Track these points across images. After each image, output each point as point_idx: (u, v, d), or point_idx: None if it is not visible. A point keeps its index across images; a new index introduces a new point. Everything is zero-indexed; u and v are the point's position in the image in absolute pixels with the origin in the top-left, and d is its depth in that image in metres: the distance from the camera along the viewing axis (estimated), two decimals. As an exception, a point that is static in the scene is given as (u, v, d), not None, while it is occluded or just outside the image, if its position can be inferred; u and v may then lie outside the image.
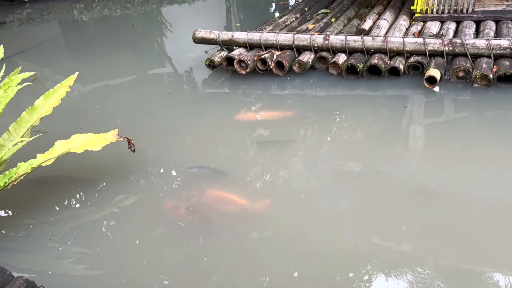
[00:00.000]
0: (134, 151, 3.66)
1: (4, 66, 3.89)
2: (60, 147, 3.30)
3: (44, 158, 3.24)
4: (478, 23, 6.22)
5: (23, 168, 3.15)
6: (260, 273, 2.86)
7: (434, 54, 5.33)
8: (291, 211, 3.41)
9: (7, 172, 3.12)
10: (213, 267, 2.91)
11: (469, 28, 5.94)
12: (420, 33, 6.03)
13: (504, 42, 5.05)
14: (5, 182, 3.12)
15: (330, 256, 2.95)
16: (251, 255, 3.01)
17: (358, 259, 2.90)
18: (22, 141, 3.35)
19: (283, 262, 2.93)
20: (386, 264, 2.86)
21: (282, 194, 3.62)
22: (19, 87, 3.45)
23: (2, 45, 3.98)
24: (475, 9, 6.29)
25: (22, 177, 3.31)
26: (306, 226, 3.21)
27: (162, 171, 4.03)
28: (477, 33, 5.92)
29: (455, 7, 6.30)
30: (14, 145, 3.35)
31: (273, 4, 10.99)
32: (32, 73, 3.76)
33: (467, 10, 6.27)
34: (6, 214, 3.61)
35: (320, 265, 2.89)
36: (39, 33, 9.65)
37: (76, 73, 3.77)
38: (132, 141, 3.63)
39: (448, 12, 6.36)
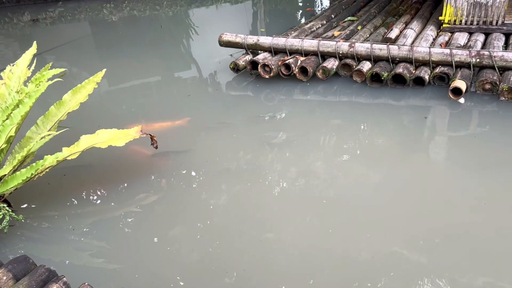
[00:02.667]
0: (156, 147, 3.73)
1: (35, 62, 4.02)
2: (85, 142, 3.39)
3: (70, 152, 3.33)
4: (508, 35, 6.11)
5: (49, 160, 3.24)
6: (272, 280, 2.87)
7: (460, 65, 5.26)
8: (307, 217, 3.42)
9: (34, 164, 3.21)
10: (226, 270, 2.94)
11: (498, 40, 5.84)
12: (447, 44, 5.97)
13: (533, 56, 4.96)
14: (32, 174, 3.22)
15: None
16: (265, 261, 3.02)
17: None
18: (49, 134, 3.45)
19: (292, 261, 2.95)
20: (401, 276, 2.84)
21: (300, 201, 3.63)
22: (50, 82, 3.55)
23: (35, 41, 4.11)
24: (505, 22, 6.18)
25: (47, 170, 3.41)
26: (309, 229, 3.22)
27: (183, 171, 4.09)
28: (507, 46, 5.82)
29: (485, 19, 6.21)
30: (42, 138, 3.44)
31: (300, 11, 11.02)
32: (63, 69, 3.87)
33: (496, 22, 6.17)
34: (31, 206, 3.71)
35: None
36: (69, 32, 9.90)
37: (104, 70, 3.86)
38: (154, 138, 3.69)
39: (477, 24, 6.27)
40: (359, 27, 6.91)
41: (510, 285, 2.70)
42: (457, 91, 4.94)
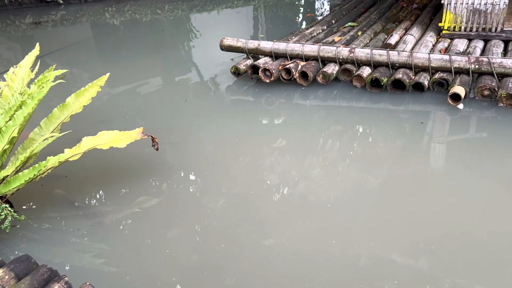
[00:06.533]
0: (157, 149, 3.75)
1: (38, 64, 4.06)
2: (87, 143, 3.41)
3: (72, 153, 3.35)
4: (506, 42, 6.17)
5: (52, 162, 3.26)
6: (270, 285, 2.88)
7: (459, 71, 5.31)
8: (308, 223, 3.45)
9: (36, 165, 3.23)
10: (224, 273, 2.95)
11: (497, 47, 5.89)
12: (446, 50, 6.02)
13: (532, 63, 5.00)
14: (34, 175, 3.24)
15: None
16: (263, 265, 3.03)
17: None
18: (52, 136, 3.47)
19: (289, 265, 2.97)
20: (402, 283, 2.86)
21: (299, 206, 3.66)
22: (53, 84, 3.59)
23: (38, 43, 4.15)
24: (504, 28, 6.24)
25: (49, 171, 3.43)
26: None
27: (182, 174, 4.11)
28: (505, 53, 5.87)
29: (484, 26, 6.27)
30: (45, 139, 3.47)
31: (300, 16, 11.08)
32: (65, 70, 3.90)
33: (496, 29, 6.23)
34: (33, 206, 3.73)
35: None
36: (71, 35, 9.94)
37: (108, 74, 3.89)
38: (156, 140, 3.72)
39: (476, 30, 6.32)
40: (359, 33, 6.96)
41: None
42: (456, 97, 4.98)
